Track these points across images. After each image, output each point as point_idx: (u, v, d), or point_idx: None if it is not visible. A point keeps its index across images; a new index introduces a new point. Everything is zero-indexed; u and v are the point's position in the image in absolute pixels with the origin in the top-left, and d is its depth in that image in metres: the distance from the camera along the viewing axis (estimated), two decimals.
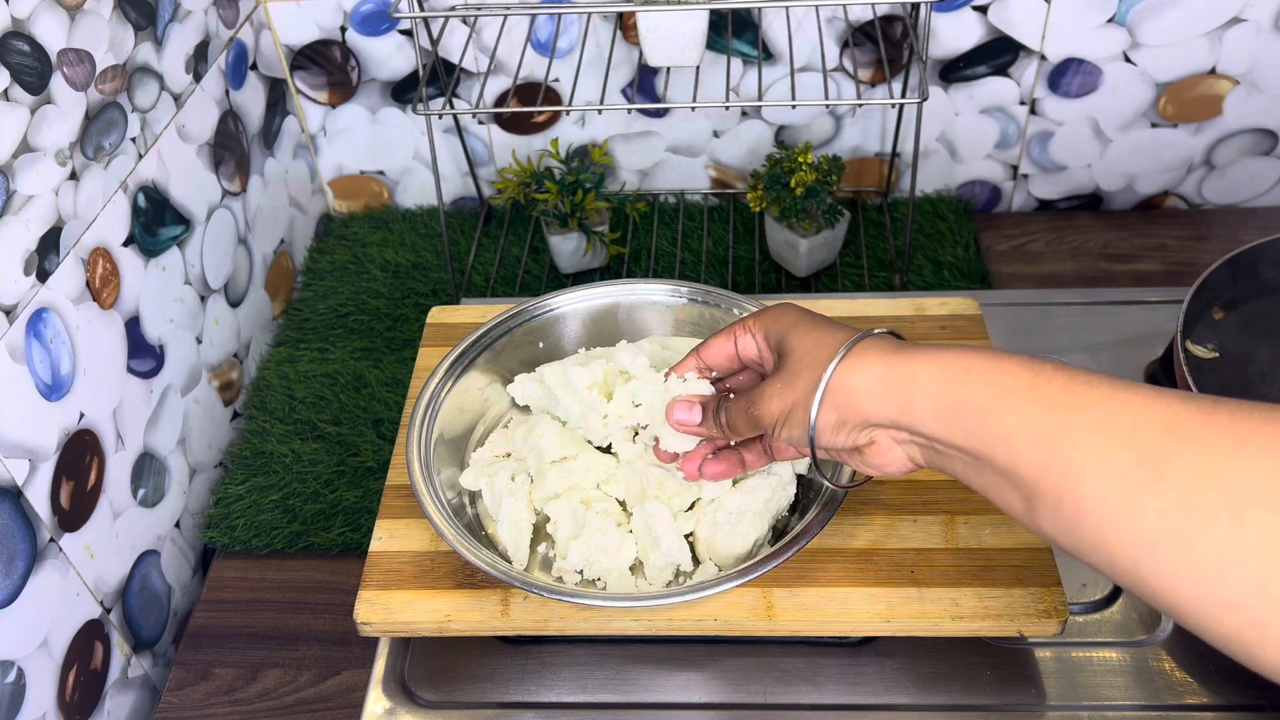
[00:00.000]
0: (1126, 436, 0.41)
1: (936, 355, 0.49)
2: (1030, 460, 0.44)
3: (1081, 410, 0.43)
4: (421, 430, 0.69)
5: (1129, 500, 0.40)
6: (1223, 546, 0.38)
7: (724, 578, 0.59)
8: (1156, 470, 0.40)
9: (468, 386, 0.73)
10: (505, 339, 0.75)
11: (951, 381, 0.47)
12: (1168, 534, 0.39)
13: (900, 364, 0.50)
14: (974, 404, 0.46)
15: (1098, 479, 0.41)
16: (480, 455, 0.71)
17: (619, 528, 0.64)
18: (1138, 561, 0.41)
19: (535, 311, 0.76)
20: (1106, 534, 0.42)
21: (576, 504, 0.65)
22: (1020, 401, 0.45)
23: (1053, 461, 0.43)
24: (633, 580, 0.64)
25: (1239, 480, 0.38)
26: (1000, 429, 0.45)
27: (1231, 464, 0.39)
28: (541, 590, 0.60)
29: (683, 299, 0.76)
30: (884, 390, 0.50)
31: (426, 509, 0.64)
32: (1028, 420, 0.44)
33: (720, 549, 0.63)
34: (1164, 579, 0.40)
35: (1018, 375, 0.46)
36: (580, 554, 0.63)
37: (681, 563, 0.63)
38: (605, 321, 0.76)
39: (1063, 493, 0.43)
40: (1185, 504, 0.39)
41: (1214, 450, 0.39)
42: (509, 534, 0.65)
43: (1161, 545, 0.40)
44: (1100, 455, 0.42)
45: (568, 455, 0.66)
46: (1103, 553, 0.42)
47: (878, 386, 0.50)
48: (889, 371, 0.50)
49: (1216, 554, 0.38)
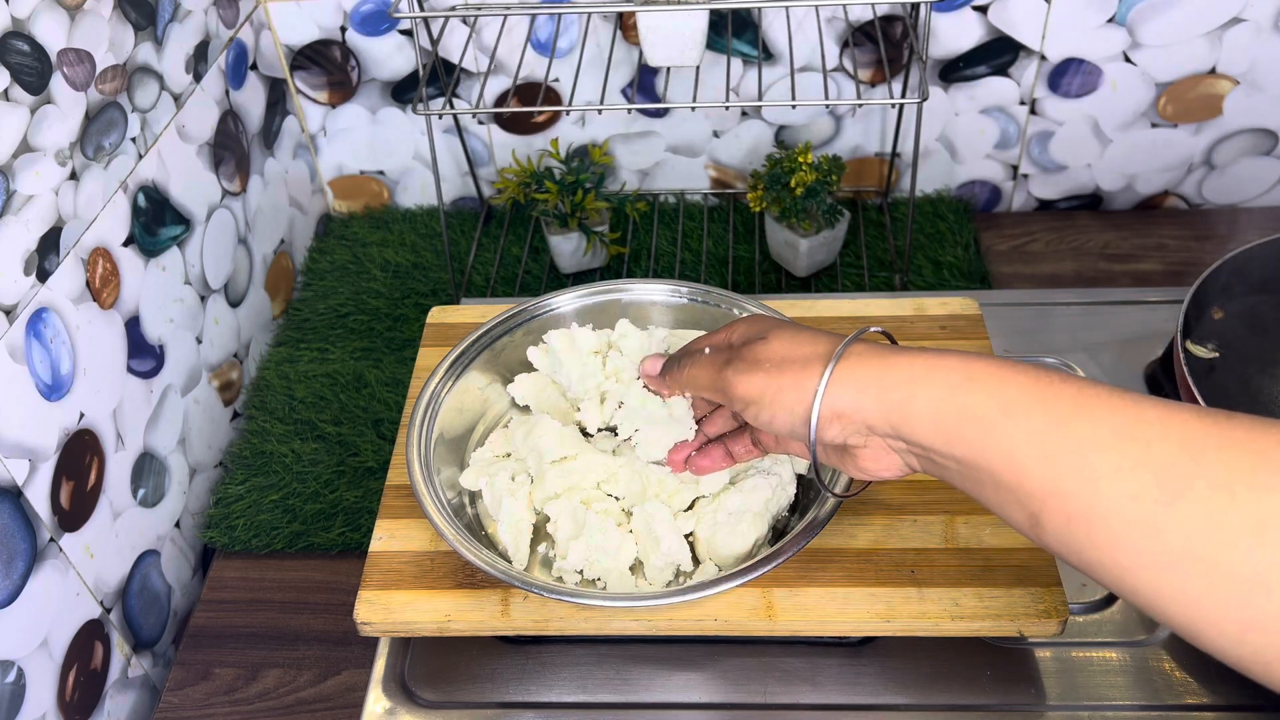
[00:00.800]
0: (1141, 454, 0.40)
1: (936, 361, 0.47)
2: (1037, 476, 0.42)
3: (1092, 425, 0.42)
4: (421, 430, 0.69)
5: (1146, 521, 0.39)
6: (1247, 570, 0.37)
7: (724, 578, 0.59)
8: (1175, 491, 0.39)
9: (468, 386, 0.73)
10: (505, 339, 0.75)
11: (952, 390, 0.46)
12: (1188, 556, 0.38)
13: (897, 368, 0.48)
14: (976, 415, 0.45)
15: (1112, 498, 0.40)
16: (480, 455, 0.71)
17: (619, 528, 0.64)
18: (1155, 583, 0.40)
19: (535, 311, 0.76)
20: (1120, 555, 0.40)
21: (576, 504, 0.65)
22: (1026, 413, 0.43)
23: (1062, 479, 0.42)
24: (633, 580, 0.64)
25: (1260, 501, 0.37)
26: (1005, 443, 0.44)
27: (1251, 484, 0.38)
28: (541, 590, 0.60)
29: (683, 299, 0.76)
30: (879, 396, 0.48)
31: (426, 509, 0.64)
32: (1035, 434, 0.43)
33: (720, 549, 0.63)
34: (1184, 602, 0.39)
35: (1023, 384, 0.44)
36: (580, 554, 0.63)
37: (681, 563, 0.63)
38: (605, 321, 0.76)
39: (1073, 511, 0.41)
40: (1207, 526, 0.38)
41: (1233, 469, 0.38)
42: (509, 534, 0.65)
43: (1181, 567, 0.39)
44: (1114, 473, 0.40)
45: (568, 455, 0.66)
46: (1114, 573, 0.41)
47: (872, 393, 0.48)
48: (884, 375, 0.48)
49: (1240, 577, 0.37)
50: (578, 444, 0.67)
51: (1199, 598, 0.38)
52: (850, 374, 0.49)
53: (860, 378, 0.49)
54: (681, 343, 0.72)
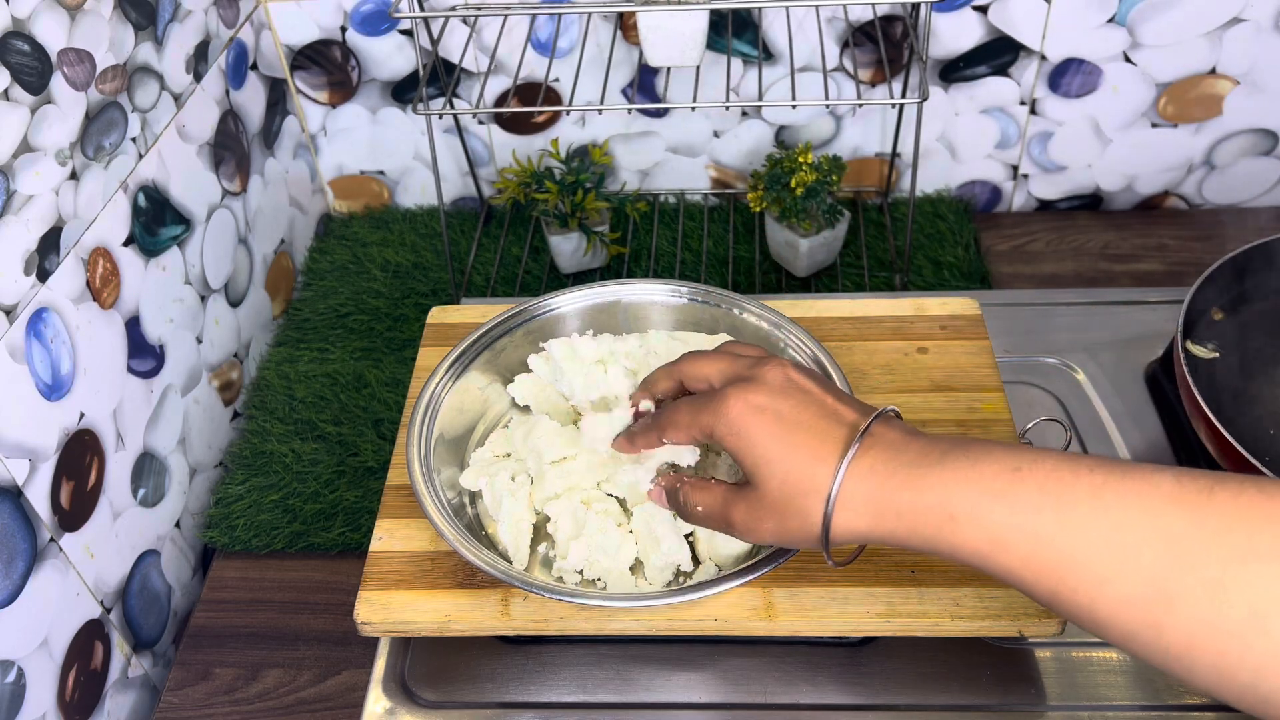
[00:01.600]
0: (1132, 556, 0.41)
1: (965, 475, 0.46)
2: (1035, 569, 0.44)
3: (1080, 523, 0.42)
4: (421, 430, 0.69)
5: (1148, 623, 0.41)
6: (1254, 660, 0.38)
7: (724, 577, 0.59)
8: (1168, 596, 0.40)
9: (468, 386, 0.73)
10: (506, 339, 0.75)
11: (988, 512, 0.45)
12: (1194, 650, 0.40)
13: (927, 490, 0.47)
14: (1030, 531, 0.44)
15: (1113, 604, 0.42)
16: (480, 455, 0.71)
17: (619, 528, 0.64)
18: (1168, 667, 0.41)
19: (535, 311, 0.76)
20: (1131, 647, 0.42)
21: (577, 504, 0.65)
22: (1008, 502, 0.44)
23: (1064, 580, 0.43)
24: (633, 580, 0.64)
25: (1256, 593, 0.38)
26: (995, 533, 0.45)
27: (1242, 576, 0.39)
28: (542, 590, 0.60)
29: (683, 299, 0.76)
30: (911, 529, 0.47)
31: (426, 509, 0.64)
32: (1022, 527, 0.44)
33: (721, 549, 0.63)
34: (1199, 682, 0.40)
35: (996, 474, 0.45)
36: (580, 554, 0.63)
37: (682, 563, 0.63)
38: (606, 321, 0.76)
39: (1077, 610, 0.43)
40: (1207, 624, 0.39)
41: (1225, 564, 0.39)
42: (509, 534, 0.65)
43: (1189, 658, 0.40)
44: (1110, 579, 0.41)
45: (568, 455, 0.66)
46: (1130, 652, 0.43)
47: (906, 521, 0.47)
48: (915, 500, 0.47)
49: (1250, 667, 0.38)
50: (578, 444, 0.67)
51: (1213, 684, 0.40)
52: (869, 499, 0.48)
53: (881, 502, 0.48)
54: (680, 343, 0.72)
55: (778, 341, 0.72)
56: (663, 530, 0.63)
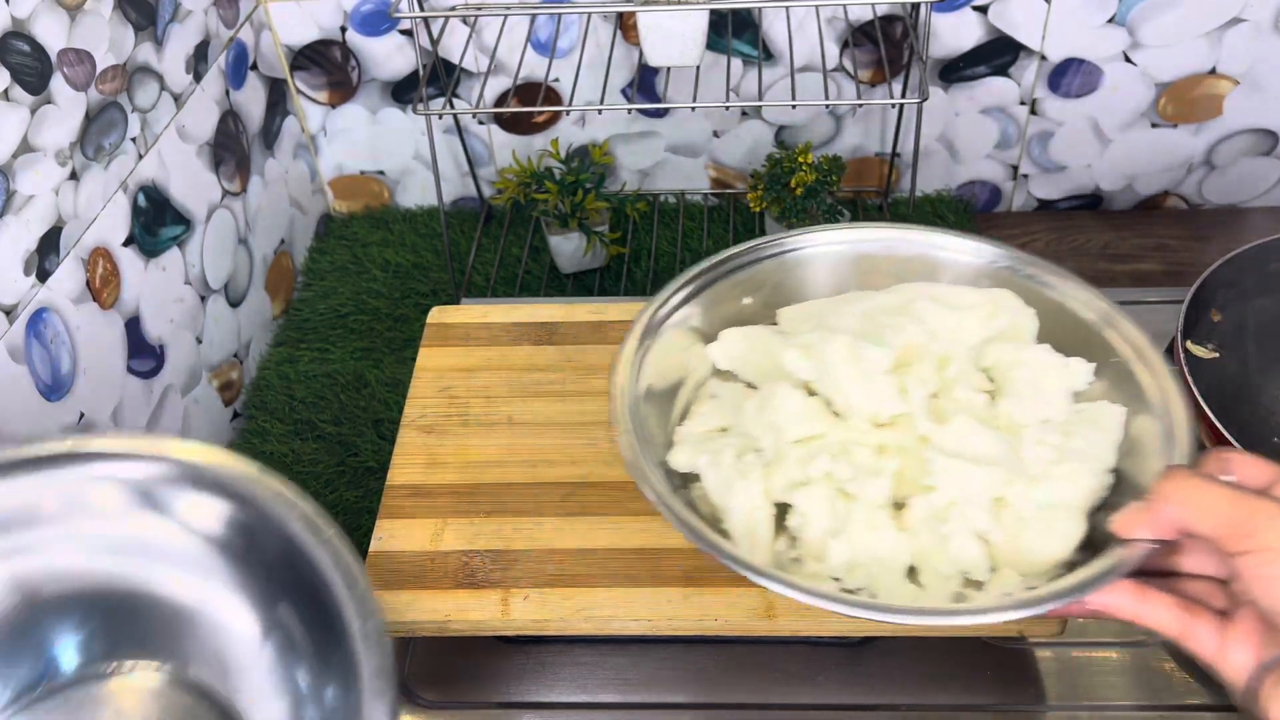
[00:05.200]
0: None
1: None
2: None
3: None
4: (631, 403, 0.55)
5: None
6: None
7: (1047, 596, 0.47)
8: None
9: (668, 347, 0.59)
10: (709, 291, 0.61)
11: None
12: None
13: None
14: None
15: None
16: (689, 430, 0.58)
17: (891, 523, 0.52)
18: None
19: (768, 251, 0.61)
20: None
21: (834, 494, 0.53)
22: None
23: None
24: (911, 589, 0.51)
25: None
26: None
27: None
28: (864, 609, 0.47)
29: (984, 259, 0.62)
30: None
31: (672, 510, 0.51)
32: None
33: (1027, 552, 0.50)
34: None
35: None
36: (842, 554, 0.51)
37: (972, 570, 0.51)
38: (856, 276, 0.62)
39: None
40: None
41: None
42: (742, 525, 0.53)
43: None
44: None
45: (815, 434, 0.54)
46: None
47: None
48: None
49: None
50: (826, 418, 0.55)
51: None
52: None
53: None
54: (944, 305, 0.58)
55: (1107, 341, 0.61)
56: (952, 527, 0.51)
